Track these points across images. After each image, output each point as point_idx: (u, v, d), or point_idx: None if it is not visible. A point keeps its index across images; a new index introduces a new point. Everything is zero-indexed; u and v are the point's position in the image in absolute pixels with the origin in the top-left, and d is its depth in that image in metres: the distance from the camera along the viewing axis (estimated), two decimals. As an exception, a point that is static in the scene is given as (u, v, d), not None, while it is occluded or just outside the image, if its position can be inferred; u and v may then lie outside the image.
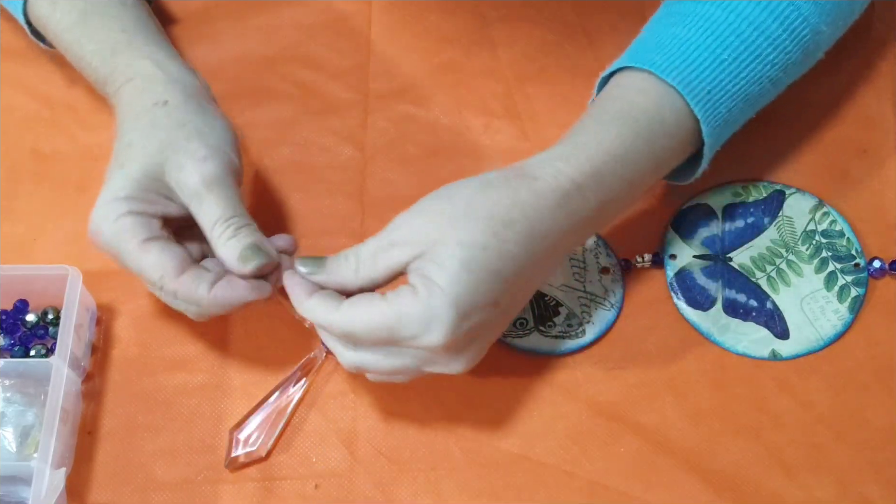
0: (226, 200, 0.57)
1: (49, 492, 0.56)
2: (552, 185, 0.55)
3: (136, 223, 0.56)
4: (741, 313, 0.65)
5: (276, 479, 0.61)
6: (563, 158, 0.56)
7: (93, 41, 0.64)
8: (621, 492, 0.60)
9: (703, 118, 0.59)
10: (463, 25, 0.76)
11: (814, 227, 0.68)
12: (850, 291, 0.65)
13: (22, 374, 0.61)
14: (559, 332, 0.64)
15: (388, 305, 0.53)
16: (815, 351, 0.64)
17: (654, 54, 0.60)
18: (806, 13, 0.61)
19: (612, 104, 0.60)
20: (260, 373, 0.64)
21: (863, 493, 0.60)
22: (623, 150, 0.57)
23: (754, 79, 0.61)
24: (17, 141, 0.72)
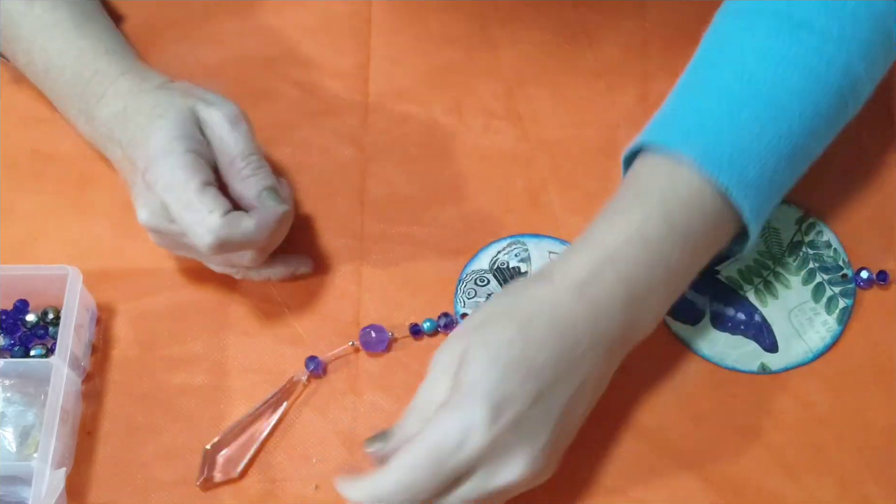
0: (246, 138, 0.61)
1: (49, 492, 0.56)
2: (567, 278, 0.55)
3: (197, 161, 0.59)
4: (729, 327, 0.65)
5: (276, 480, 0.61)
6: (576, 251, 0.56)
7: (85, 38, 0.65)
8: (621, 492, 0.60)
9: (730, 185, 0.55)
10: (463, 25, 0.76)
11: (800, 238, 0.67)
12: (837, 302, 0.65)
13: (22, 374, 0.61)
14: None
15: (427, 432, 0.52)
16: (804, 363, 0.64)
17: (667, 130, 0.58)
18: (829, 55, 0.57)
19: (622, 191, 0.58)
20: (260, 374, 0.64)
21: (863, 494, 0.60)
22: (636, 231, 0.55)
23: (782, 134, 0.57)
24: (17, 141, 0.72)
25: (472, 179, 0.70)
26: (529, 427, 0.53)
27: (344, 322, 0.66)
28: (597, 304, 0.54)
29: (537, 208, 0.69)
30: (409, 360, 0.64)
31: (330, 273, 0.67)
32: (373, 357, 0.65)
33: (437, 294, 0.66)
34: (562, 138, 0.72)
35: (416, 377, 0.63)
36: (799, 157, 0.59)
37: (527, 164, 0.71)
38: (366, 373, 0.64)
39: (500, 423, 0.51)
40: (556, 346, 0.53)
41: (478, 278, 0.67)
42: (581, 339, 0.54)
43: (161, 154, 0.58)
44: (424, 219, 0.69)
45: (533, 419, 0.53)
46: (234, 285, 0.67)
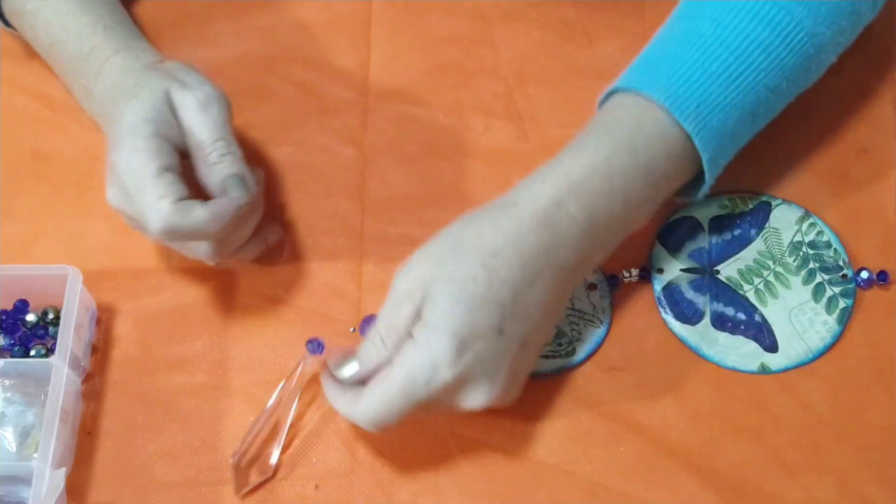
0: (215, 123, 0.61)
1: (49, 492, 0.56)
2: (531, 206, 0.56)
3: (160, 145, 0.59)
4: (729, 327, 0.65)
5: (277, 480, 0.61)
6: (541, 179, 0.58)
7: (86, 14, 0.65)
8: (621, 492, 0.60)
9: (695, 132, 0.59)
10: (463, 25, 0.76)
11: (801, 238, 0.67)
12: (838, 303, 0.65)
13: (22, 374, 0.61)
14: (549, 353, 0.64)
15: (396, 370, 0.55)
16: (804, 364, 0.64)
17: (641, 75, 0.61)
18: (799, 17, 0.60)
19: (592, 124, 0.61)
20: (260, 373, 0.64)
21: (863, 494, 0.60)
22: (602, 162, 0.58)
23: (747, 88, 0.60)
24: (17, 141, 0.72)
25: (472, 179, 0.70)
26: (491, 359, 0.55)
27: (344, 322, 0.66)
28: (558, 234, 0.56)
29: (537, 208, 0.69)
30: (409, 359, 0.64)
31: (330, 273, 0.67)
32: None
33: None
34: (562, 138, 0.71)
35: (416, 377, 0.63)
36: (760, 112, 0.62)
37: (527, 163, 0.70)
38: (366, 373, 0.64)
39: (465, 358, 0.54)
40: (517, 280, 0.55)
41: None
42: (542, 271, 0.56)
43: (126, 135, 0.58)
44: (424, 219, 0.69)
45: (495, 351, 0.55)
46: (234, 285, 0.67)
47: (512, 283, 0.55)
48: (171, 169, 0.59)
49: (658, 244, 0.67)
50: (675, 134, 0.59)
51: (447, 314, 0.54)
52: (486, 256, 0.55)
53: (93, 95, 0.64)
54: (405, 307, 0.55)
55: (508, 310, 0.55)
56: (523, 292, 0.56)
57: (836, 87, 0.73)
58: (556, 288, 0.57)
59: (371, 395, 0.55)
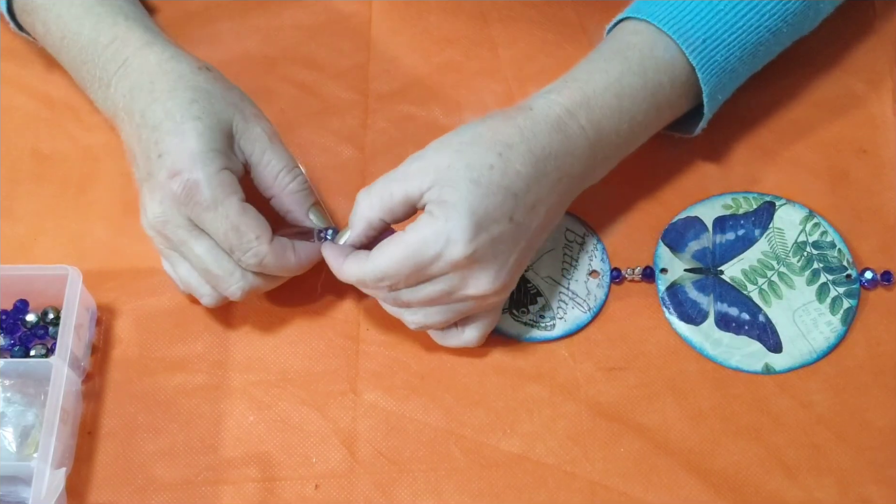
0: (285, 152, 0.62)
1: (49, 492, 0.56)
2: (546, 111, 0.60)
3: (234, 180, 0.59)
4: (733, 327, 0.65)
5: (276, 480, 0.61)
6: (556, 91, 0.61)
7: (103, 5, 0.65)
8: (621, 492, 0.60)
9: (699, 65, 0.62)
10: (463, 25, 0.76)
11: (805, 238, 0.67)
12: (842, 303, 0.65)
13: (22, 374, 0.61)
14: (529, 321, 0.65)
15: (408, 235, 0.56)
16: (808, 364, 0.64)
17: (652, 6, 0.63)
18: None
19: (606, 45, 0.64)
20: (260, 373, 0.64)
21: (863, 494, 0.60)
22: (614, 81, 0.61)
23: (751, 28, 0.63)
24: (17, 141, 0.72)
25: (472, 179, 0.70)
26: (502, 245, 0.57)
27: (344, 322, 0.66)
28: (569, 141, 0.59)
29: (537, 208, 0.69)
30: (408, 359, 0.64)
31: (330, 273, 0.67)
32: (373, 356, 0.65)
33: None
34: (562, 138, 0.72)
35: (417, 376, 0.64)
36: (759, 53, 0.65)
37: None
38: (366, 372, 0.64)
39: (480, 239, 0.56)
40: (530, 175, 0.58)
41: None
42: (550, 171, 0.58)
43: (198, 165, 0.58)
44: (424, 219, 0.69)
45: (506, 238, 0.57)
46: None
47: (525, 176, 0.57)
48: (246, 200, 0.59)
49: (662, 244, 0.68)
50: (681, 64, 0.62)
51: (466, 194, 0.56)
52: (502, 147, 0.57)
53: (111, 87, 0.63)
54: (413, 183, 0.57)
55: (521, 200, 0.57)
56: (534, 188, 0.58)
57: (837, 86, 0.73)
58: (561, 193, 0.60)
59: (381, 252, 0.57)
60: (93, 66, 0.64)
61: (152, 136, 0.59)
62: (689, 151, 0.71)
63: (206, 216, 0.58)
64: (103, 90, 0.64)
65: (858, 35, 0.75)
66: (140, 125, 0.60)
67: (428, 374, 0.64)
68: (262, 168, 0.61)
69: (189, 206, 0.58)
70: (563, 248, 0.67)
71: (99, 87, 0.64)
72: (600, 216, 0.69)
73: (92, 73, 0.64)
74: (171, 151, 0.58)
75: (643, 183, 0.70)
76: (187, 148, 0.58)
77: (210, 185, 0.58)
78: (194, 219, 0.58)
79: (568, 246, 0.67)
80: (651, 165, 0.70)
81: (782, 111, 0.72)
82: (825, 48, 0.74)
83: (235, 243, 0.58)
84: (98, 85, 0.64)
